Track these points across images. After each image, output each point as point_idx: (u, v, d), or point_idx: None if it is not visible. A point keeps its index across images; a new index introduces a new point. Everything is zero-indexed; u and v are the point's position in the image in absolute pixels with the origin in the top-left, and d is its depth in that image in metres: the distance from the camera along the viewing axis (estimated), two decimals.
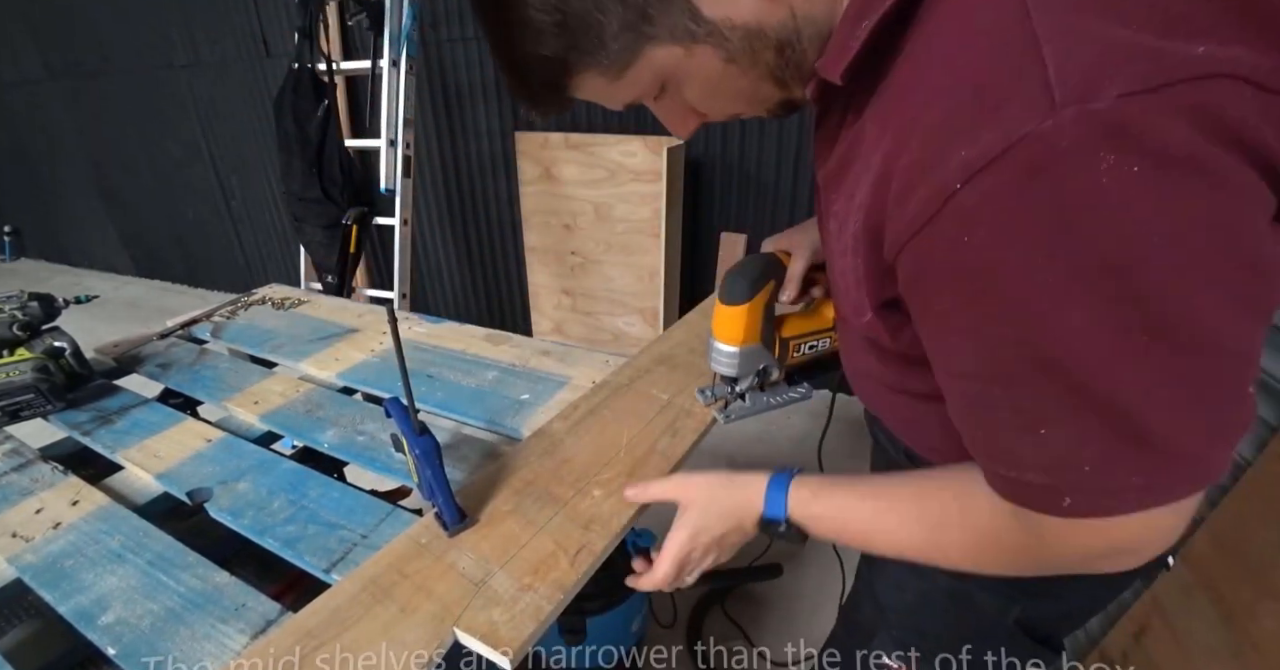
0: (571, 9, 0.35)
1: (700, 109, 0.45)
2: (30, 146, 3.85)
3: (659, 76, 0.40)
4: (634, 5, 0.35)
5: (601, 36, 0.37)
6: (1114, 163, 0.24)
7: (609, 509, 0.59)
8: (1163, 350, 0.28)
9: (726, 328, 0.65)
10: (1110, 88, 0.24)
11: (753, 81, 0.40)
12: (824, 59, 0.36)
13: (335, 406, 0.82)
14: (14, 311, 0.83)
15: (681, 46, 0.38)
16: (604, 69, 0.39)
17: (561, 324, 2.22)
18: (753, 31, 0.37)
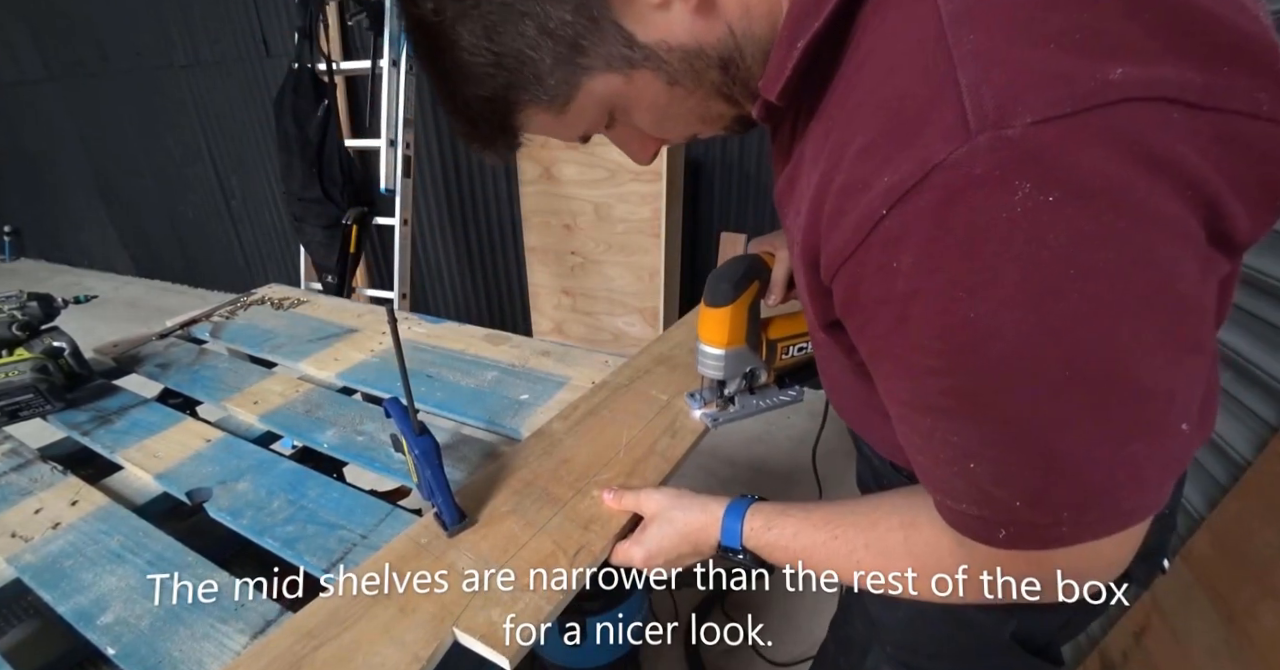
0: (503, 48, 0.34)
1: (654, 134, 0.44)
2: (30, 146, 3.85)
3: (604, 106, 0.39)
4: (565, 38, 0.34)
5: (537, 72, 0.36)
6: (1029, 191, 0.24)
7: (608, 509, 0.59)
8: (1081, 388, 0.27)
9: (711, 330, 0.65)
10: (1023, 113, 0.23)
11: (701, 101, 0.39)
12: (764, 78, 0.36)
13: (335, 406, 0.82)
14: (13, 311, 0.83)
15: (620, 74, 0.36)
16: (546, 105, 0.38)
17: (561, 324, 2.22)
18: (692, 52, 0.36)
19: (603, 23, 0.34)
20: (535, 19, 0.33)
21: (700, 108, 0.40)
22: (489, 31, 0.34)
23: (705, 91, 0.38)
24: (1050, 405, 0.28)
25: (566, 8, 0.33)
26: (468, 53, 0.35)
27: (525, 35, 0.34)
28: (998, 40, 0.25)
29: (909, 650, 0.61)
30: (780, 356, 0.71)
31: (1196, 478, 0.89)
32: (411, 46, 0.38)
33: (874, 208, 0.27)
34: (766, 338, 0.69)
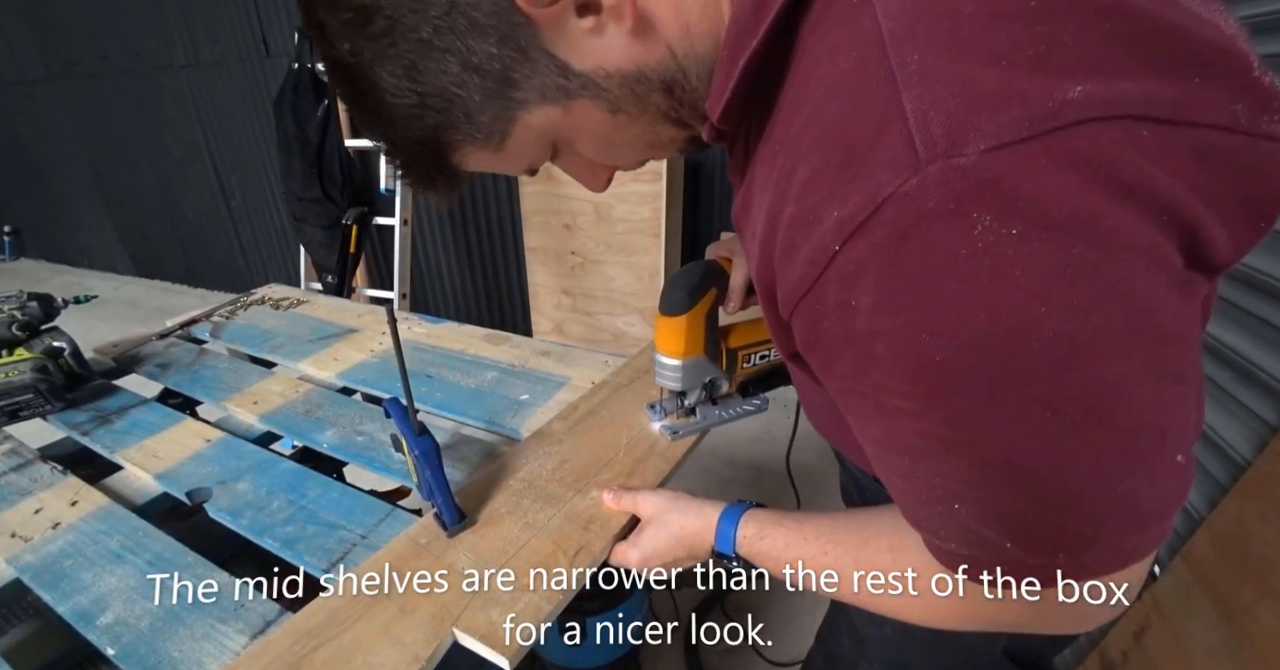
0: (427, 88, 0.32)
1: (602, 162, 0.42)
2: (30, 146, 3.85)
3: (545, 138, 0.37)
4: (493, 73, 0.32)
5: (467, 110, 0.34)
6: (989, 224, 0.22)
7: (608, 509, 0.59)
8: (1065, 429, 0.25)
9: (667, 340, 0.62)
10: (976, 140, 0.21)
11: (648, 126, 0.37)
12: (709, 99, 0.34)
13: (334, 406, 0.82)
14: (13, 311, 0.83)
15: (557, 105, 0.34)
16: (481, 142, 0.36)
17: (561, 324, 2.22)
18: (632, 77, 0.33)
19: (532, 53, 0.32)
20: (457, 55, 0.31)
21: (647, 133, 0.38)
22: (410, 71, 0.32)
23: (651, 116, 0.36)
24: (1033, 447, 0.26)
25: (490, 41, 0.31)
26: (390, 94, 0.33)
27: (449, 73, 0.32)
28: (944, 59, 0.23)
29: (898, 667, 0.60)
30: (741, 365, 0.69)
31: (1196, 478, 0.89)
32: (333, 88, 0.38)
33: (826, 243, 0.26)
34: (726, 346, 0.67)
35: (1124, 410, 0.25)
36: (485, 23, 0.30)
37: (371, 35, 0.31)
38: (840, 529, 0.45)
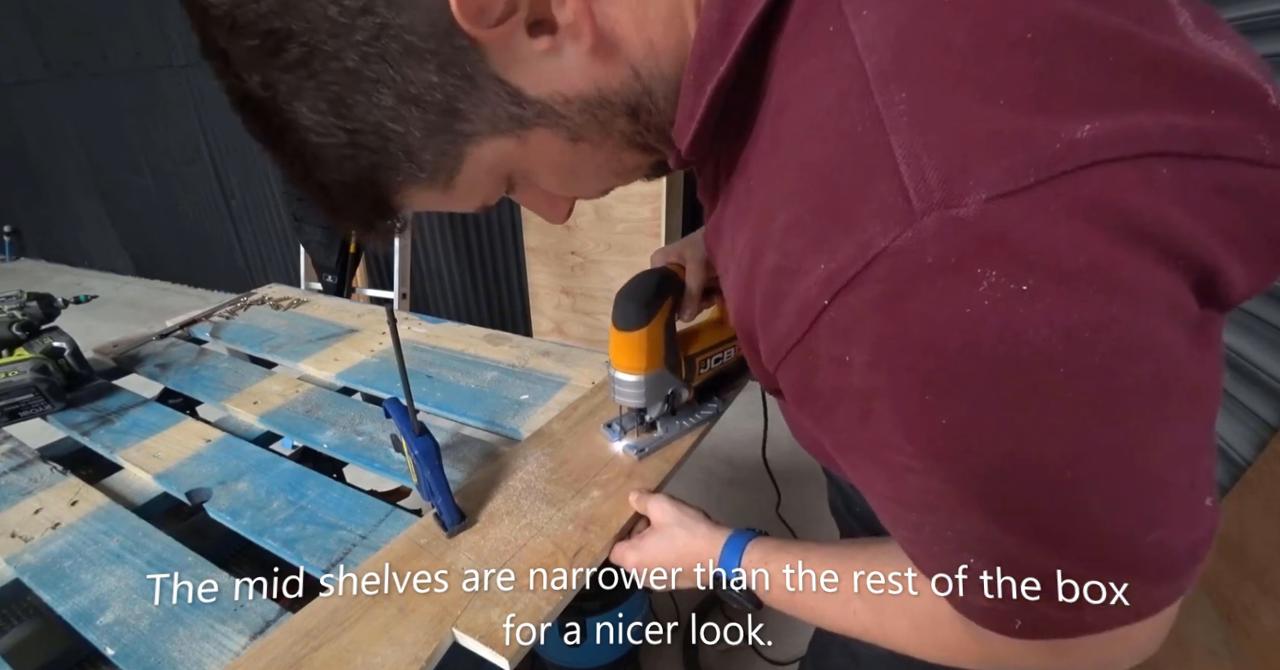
0: (357, 125, 0.28)
1: (563, 194, 0.38)
2: (30, 146, 3.85)
3: (498, 172, 0.33)
4: (434, 104, 0.28)
5: (407, 147, 0.29)
6: (996, 280, 0.20)
7: (608, 510, 0.59)
8: (1089, 487, 0.24)
9: (626, 356, 0.58)
10: (976, 188, 0.20)
11: (611, 153, 0.33)
12: (676, 126, 0.31)
13: (334, 407, 0.82)
14: (13, 311, 0.83)
15: (511, 137, 0.30)
16: (427, 182, 0.31)
17: (561, 324, 2.22)
18: (593, 101, 0.30)
19: (479, 80, 0.28)
20: (391, 86, 0.27)
21: (612, 161, 0.34)
22: (335, 106, 0.27)
23: (615, 143, 0.33)
24: (1056, 507, 0.24)
25: (429, 68, 0.27)
26: (314, 134, 0.28)
27: (382, 106, 0.27)
28: (936, 97, 0.21)
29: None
30: (699, 372, 0.67)
31: None
32: (244, 124, 0.30)
33: (812, 297, 0.24)
34: (685, 354, 0.64)
35: (1154, 465, 0.24)
36: (422, 47, 0.26)
37: (285, 65, 0.26)
38: (848, 560, 0.43)
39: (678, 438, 0.68)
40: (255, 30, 0.25)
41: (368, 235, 0.35)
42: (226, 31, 0.26)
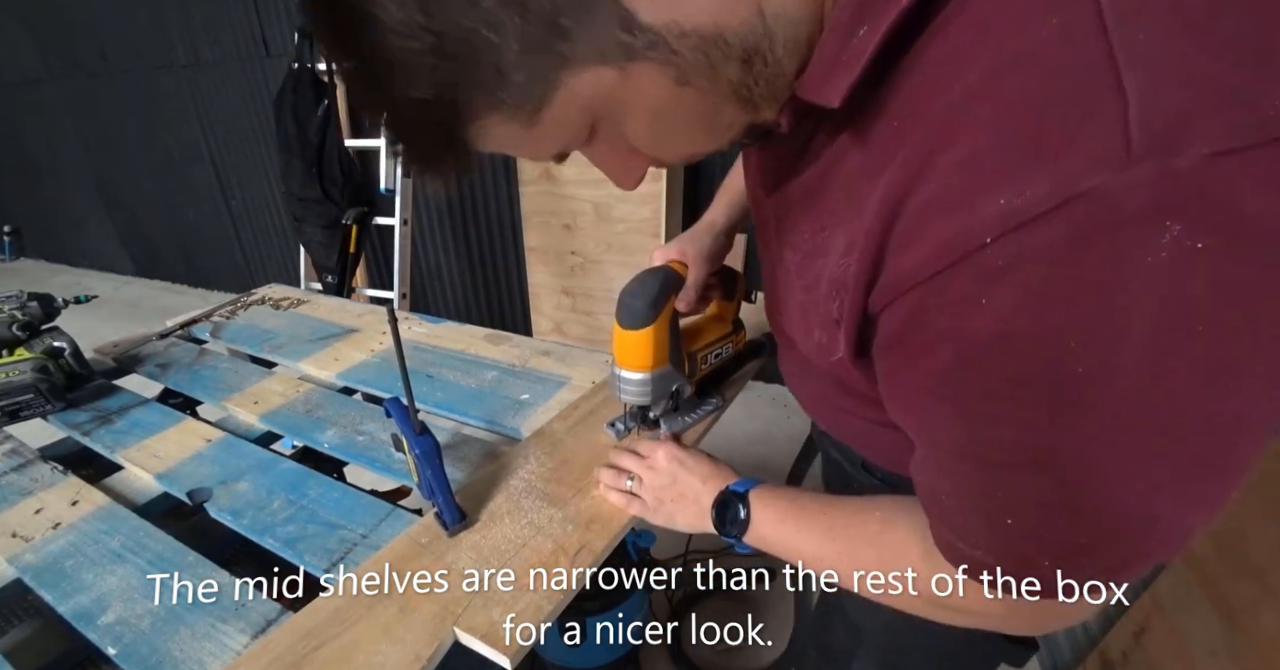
0: (447, 26, 0.24)
1: (647, 150, 0.34)
2: (30, 146, 3.85)
3: (588, 112, 0.30)
4: (539, 15, 0.25)
5: (499, 64, 0.26)
6: (1179, 234, 0.20)
7: (609, 509, 0.59)
8: (1176, 454, 0.25)
9: (632, 354, 0.58)
10: (1198, 142, 0.19)
11: (712, 105, 0.30)
12: (807, 75, 0.29)
13: (335, 406, 0.82)
14: (13, 311, 0.83)
15: (614, 67, 0.27)
16: (511, 110, 0.28)
17: (561, 324, 2.22)
18: (709, 39, 0.27)
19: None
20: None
21: (710, 114, 0.31)
22: (424, 2, 0.24)
23: (720, 92, 0.29)
24: (1143, 472, 0.25)
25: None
26: (395, 33, 0.25)
27: (481, 6, 0.24)
28: (1173, 44, 0.20)
29: (897, 653, 0.60)
30: (700, 367, 0.68)
31: None
32: (313, 21, 0.27)
33: (972, 232, 0.23)
34: (687, 351, 0.65)
35: (1237, 445, 0.25)
36: None
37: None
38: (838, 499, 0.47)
39: (680, 433, 0.68)
40: None
41: (430, 170, 0.31)
42: None
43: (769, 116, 0.32)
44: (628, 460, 0.61)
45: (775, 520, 0.49)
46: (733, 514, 0.52)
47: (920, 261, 0.25)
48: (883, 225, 0.27)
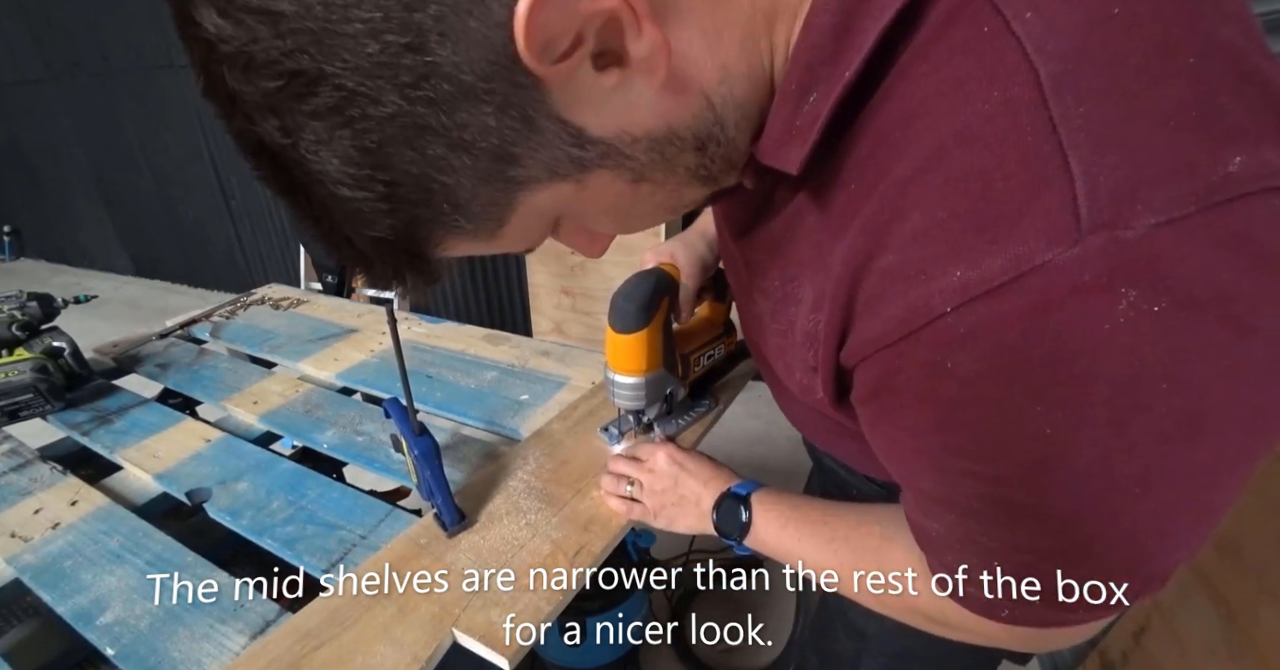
0: (398, 175, 0.24)
1: (610, 232, 0.36)
2: (30, 146, 3.85)
3: (550, 217, 0.30)
4: (488, 151, 0.24)
5: (454, 199, 0.26)
6: (1134, 300, 0.21)
7: (608, 510, 0.59)
8: (1152, 502, 0.25)
9: (626, 358, 0.58)
10: (1144, 212, 0.20)
11: (673, 191, 0.31)
12: (764, 141, 0.29)
13: (334, 406, 0.82)
14: (13, 311, 0.83)
15: (570, 181, 0.27)
16: (471, 232, 0.28)
17: (561, 324, 2.22)
18: (662, 139, 0.27)
19: (539, 121, 0.24)
20: (443, 134, 0.23)
21: (671, 198, 0.32)
22: (372, 156, 0.24)
23: (678, 179, 0.30)
24: (1113, 520, 0.26)
25: (486, 110, 0.23)
26: (346, 186, 0.24)
27: (428, 155, 0.24)
28: (1113, 115, 0.21)
29: (902, 658, 0.60)
30: (693, 369, 0.68)
31: None
32: (257, 173, 0.26)
33: (932, 302, 0.24)
34: (680, 353, 0.64)
35: (1215, 490, 0.26)
36: (480, 88, 0.22)
37: (313, 111, 0.22)
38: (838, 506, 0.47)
39: (675, 436, 0.68)
40: (277, 70, 0.21)
41: (402, 288, 0.31)
42: (240, 71, 0.22)
43: (730, 182, 0.33)
44: (627, 466, 0.61)
45: (777, 525, 0.49)
46: (734, 516, 0.52)
47: (885, 327, 0.26)
48: (848, 288, 0.28)
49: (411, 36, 0.21)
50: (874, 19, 0.24)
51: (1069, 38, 0.21)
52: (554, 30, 0.22)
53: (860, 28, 0.25)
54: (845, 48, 0.25)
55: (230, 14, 0.21)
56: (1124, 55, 0.21)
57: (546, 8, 0.21)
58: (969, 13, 0.23)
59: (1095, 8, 0.21)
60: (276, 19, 0.20)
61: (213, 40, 0.21)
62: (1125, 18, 0.21)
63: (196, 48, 0.22)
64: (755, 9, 0.26)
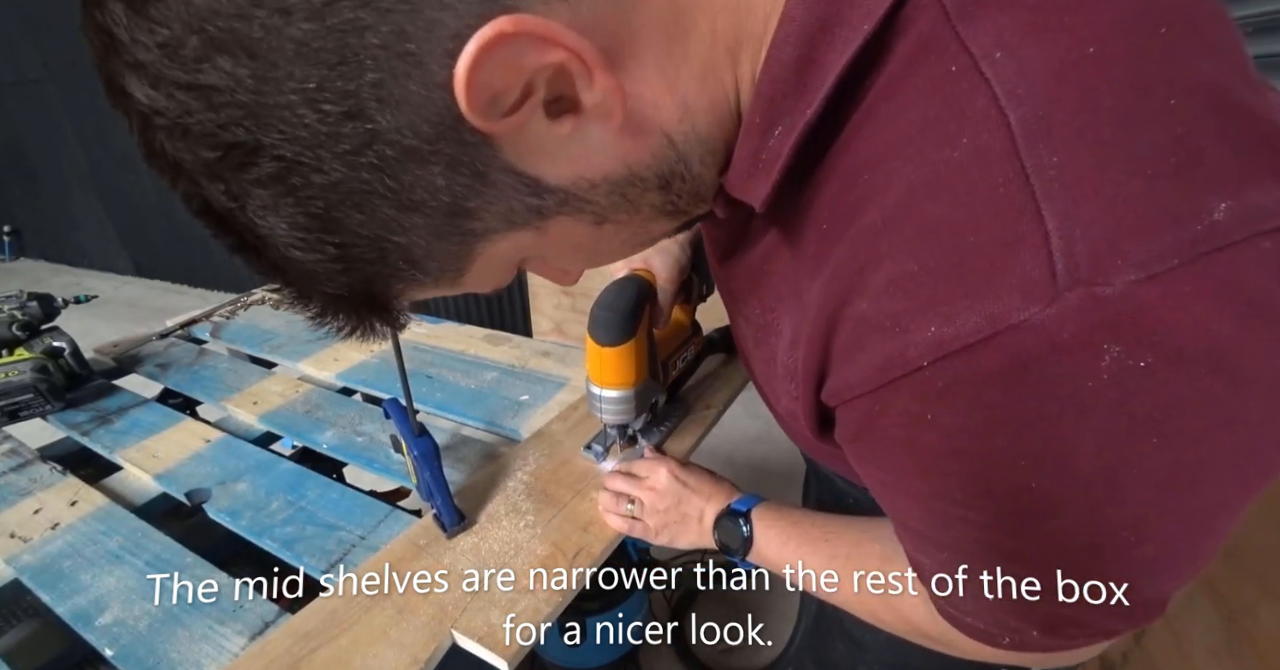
0: (349, 238, 0.24)
1: (580, 269, 0.36)
2: (30, 146, 3.85)
3: (511, 262, 0.30)
4: (441, 208, 0.24)
5: (409, 256, 0.25)
6: (1118, 356, 0.20)
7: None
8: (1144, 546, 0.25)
9: (613, 372, 0.55)
10: (1124, 268, 0.19)
11: (639, 227, 0.30)
12: (732, 173, 0.29)
13: (334, 407, 0.82)
14: (13, 311, 0.83)
15: (529, 229, 0.27)
16: (432, 282, 0.28)
17: (561, 324, 2.22)
18: (622, 182, 0.26)
19: (492, 175, 0.24)
20: (391, 197, 0.23)
21: (639, 234, 0.31)
22: (319, 221, 0.23)
23: (643, 217, 0.29)
24: (1107, 565, 0.26)
25: (433, 171, 0.22)
26: (296, 249, 0.24)
27: (378, 217, 0.23)
28: (1088, 165, 0.20)
29: (900, 668, 0.60)
30: (671, 374, 0.66)
31: None
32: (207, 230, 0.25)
33: (908, 356, 0.23)
34: (660, 360, 0.62)
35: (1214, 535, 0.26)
36: (424, 149, 0.22)
37: (256, 180, 0.22)
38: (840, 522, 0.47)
39: (660, 443, 0.67)
40: (214, 142, 0.21)
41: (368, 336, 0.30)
42: (179, 141, 0.21)
43: (700, 212, 0.32)
44: (625, 483, 0.59)
45: (778, 542, 0.49)
46: (735, 532, 0.52)
47: (863, 375, 0.25)
48: (824, 332, 0.27)
49: (349, 104, 0.20)
50: (837, 53, 0.23)
51: (1041, 82, 0.20)
52: (499, 86, 0.21)
53: (823, 61, 0.23)
54: (808, 81, 0.24)
55: (161, 88, 0.20)
56: (1098, 100, 0.20)
57: (488, 66, 0.20)
58: (936, 48, 0.22)
59: (1068, 48, 0.20)
60: (208, 92, 0.20)
61: (147, 112, 0.21)
62: (1100, 59, 0.20)
63: (133, 118, 0.22)
64: (716, 41, 0.25)
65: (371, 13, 0.19)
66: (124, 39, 0.20)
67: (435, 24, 0.20)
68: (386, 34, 0.19)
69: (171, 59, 0.20)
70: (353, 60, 0.20)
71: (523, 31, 0.20)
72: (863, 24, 0.22)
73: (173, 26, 0.19)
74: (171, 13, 0.19)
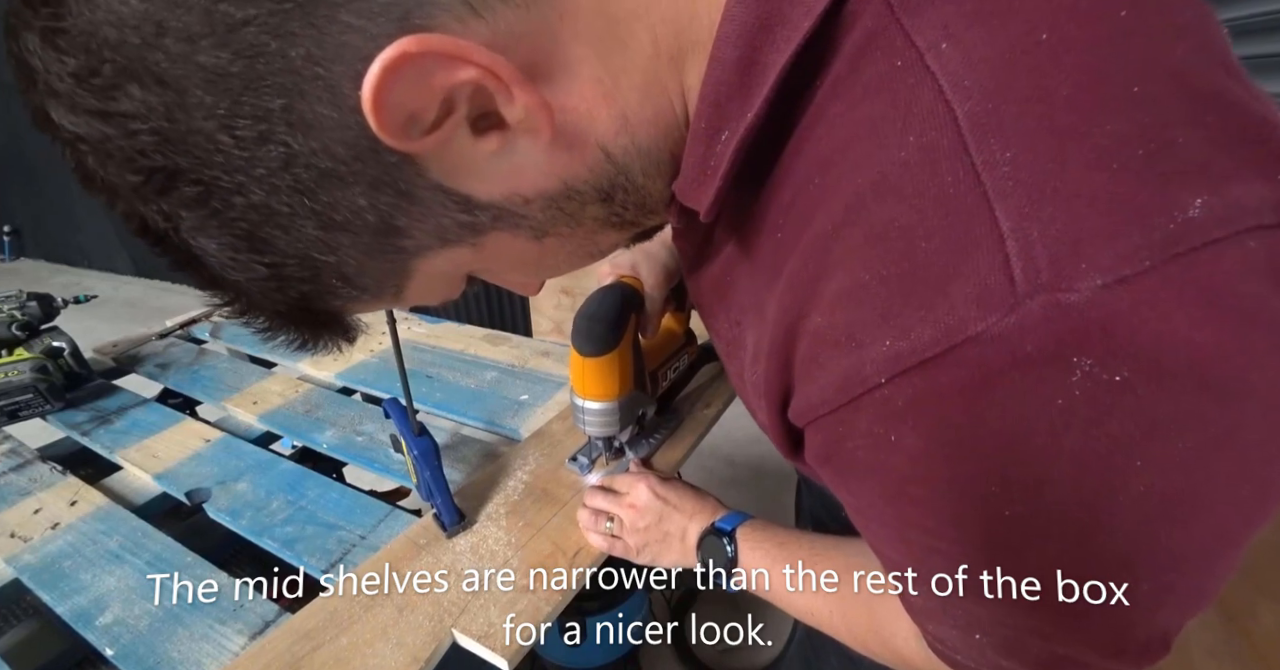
0: (278, 258, 0.24)
1: (533, 281, 0.34)
2: (30, 146, 3.85)
3: (453, 277, 0.29)
4: (368, 227, 0.23)
5: (342, 273, 0.25)
6: (1090, 370, 0.18)
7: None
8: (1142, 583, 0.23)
9: (596, 383, 0.53)
10: (1089, 271, 0.17)
11: (585, 238, 0.29)
12: (681, 180, 0.27)
13: (334, 406, 0.82)
14: (13, 311, 0.83)
15: (464, 246, 0.26)
16: (373, 297, 0.28)
17: (561, 324, 2.22)
18: (558, 196, 0.26)
19: (419, 193, 0.23)
20: (312, 216, 0.23)
21: (586, 245, 0.31)
22: (248, 241, 0.23)
23: (587, 229, 0.29)
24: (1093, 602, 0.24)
25: (355, 191, 0.22)
26: (230, 269, 0.24)
27: (304, 237, 0.23)
28: (1044, 159, 0.18)
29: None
30: (661, 384, 0.64)
31: None
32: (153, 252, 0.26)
33: (865, 372, 0.22)
34: (648, 371, 0.61)
35: (1214, 565, 0.23)
36: (343, 171, 0.22)
37: (181, 202, 0.22)
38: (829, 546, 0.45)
39: (649, 457, 0.65)
40: (135, 167, 0.21)
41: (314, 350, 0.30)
42: (106, 165, 0.22)
43: (654, 223, 0.32)
44: (605, 500, 0.57)
45: (765, 563, 0.48)
46: (719, 552, 0.50)
47: (823, 395, 0.24)
48: (783, 346, 0.26)
49: (262, 128, 0.20)
50: (778, 52, 0.22)
51: (989, 70, 0.19)
52: (412, 106, 0.20)
53: (765, 61, 0.22)
54: (751, 83, 0.23)
55: (79, 115, 0.20)
56: (1053, 88, 0.18)
57: (397, 87, 0.19)
58: (882, 43, 0.21)
59: (1019, 34, 0.19)
60: (122, 120, 0.20)
61: (70, 139, 0.21)
62: (1053, 44, 0.18)
63: (65, 146, 0.22)
64: (658, 50, 0.24)
65: (279, 38, 0.19)
66: (39, 68, 0.20)
67: (344, 47, 0.19)
68: (294, 58, 0.19)
69: (84, 88, 0.20)
70: (261, 85, 0.19)
71: (429, 51, 0.19)
72: (803, 21, 0.21)
73: (80, 56, 0.19)
74: (79, 43, 0.19)
